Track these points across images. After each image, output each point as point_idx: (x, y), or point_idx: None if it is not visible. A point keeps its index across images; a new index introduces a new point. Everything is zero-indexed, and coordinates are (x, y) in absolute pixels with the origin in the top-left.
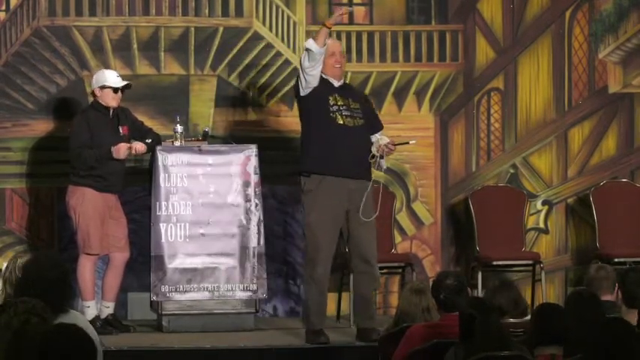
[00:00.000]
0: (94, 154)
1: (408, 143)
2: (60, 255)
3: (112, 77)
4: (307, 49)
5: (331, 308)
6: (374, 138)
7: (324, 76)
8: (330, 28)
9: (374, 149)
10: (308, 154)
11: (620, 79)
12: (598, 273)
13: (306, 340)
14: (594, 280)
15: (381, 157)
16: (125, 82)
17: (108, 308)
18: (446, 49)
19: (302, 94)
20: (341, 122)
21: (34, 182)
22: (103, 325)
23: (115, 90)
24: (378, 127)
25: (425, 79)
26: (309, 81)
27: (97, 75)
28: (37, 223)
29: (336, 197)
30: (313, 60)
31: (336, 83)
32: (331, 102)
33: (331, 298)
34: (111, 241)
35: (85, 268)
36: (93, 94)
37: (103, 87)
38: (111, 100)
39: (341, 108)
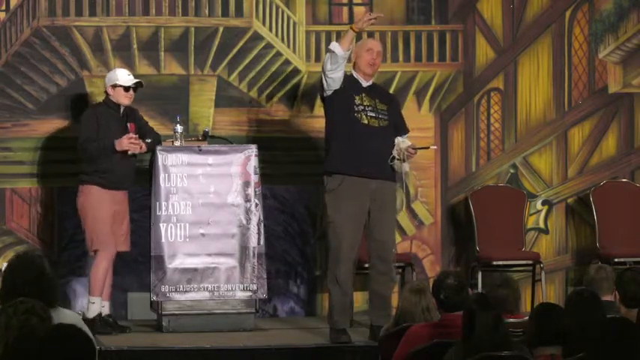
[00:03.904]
0: (97, 145)
1: (428, 148)
2: (37, 253)
3: (123, 76)
4: (331, 52)
5: None
6: (395, 140)
7: (354, 74)
8: (356, 32)
9: (395, 151)
10: (331, 154)
11: (620, 79)
12: (598, 273)
13: (330, 338)
14: (594, 280)
15: (403, 160)
16: (136, 80)
17: (104, 307)
18: (446, 49)
19: (325, 95)
20: (366, 122)
21: (34, 182)
22: (102, 324)
23: (127, 88)
24: (403, 130)
25: (425, 79)
26: (330, 84)
27: (110, 74)
28: (37, 223)
29: (358, 197)
30: (335, 63)
31: (365, 83)
32: (357, 101)
33: None
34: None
35: (101, 265)
36: (106, 92)
37: (114, 85)
38: (123, 99)
39: (367, 108)
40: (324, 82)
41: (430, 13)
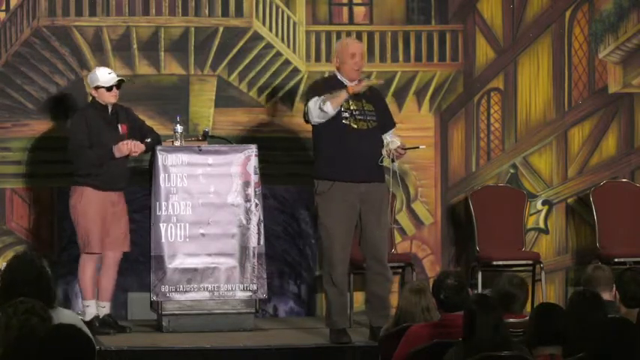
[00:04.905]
0: (95, 154)
1: (418, 147)
2: (36, 253)
3: (103, 76)
4: (322, 109)
5: None
6: (385, 140)
7: (338, 76)
8: (350, 95)
9: (384, 152)
10: (320, 159)
11: (620, 79)
12: (595, 272)
13: (330, 339)
14: (592, 279)
15: (392, 160)
16: (118, 79)
17: (104, 308)
18: (446, 49)
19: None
20: (355, 126)
21: (34, 182)
22: (101, 325)
23: (109, 88)
24: (390, 125)
25: (425, 79)
26: (313, 124)
27: (90, 76)
28: (37, 223)
29: (348, 199)
30: (324, 118)
31: (350, 84)
32: (344, 107)
33: None
34: (108, 240)
35: (86, 268)
36: (90, 94)
37: (97, 87)
38: (108, 98)
39: (354, 112)
40: (306, 119)
41: (430, 13)
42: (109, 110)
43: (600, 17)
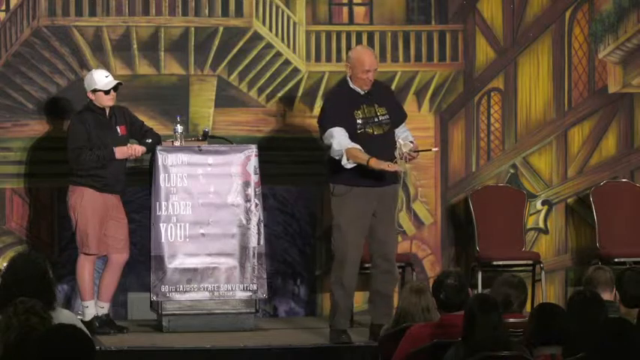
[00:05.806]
0: (95, 155)
1: (430, 150)
2: (37, 254)
3: (100, 79)
4: (342, 161)
5: None
6: (397, 142)
7: (350, 84)
8: (370, 167)
9: (397, 154)
10: (336, 168)
11: (620, 79)
12: (595, 273)
13: (330, 338)
14: (592, 280)
15: (405, 161)
16: (115, 82)
17: (102, 308)
18: (446, 49)
19: None
20: (370, 131)
21: (34, 182)
22: (101, 325)
23: (107, 91)
24: (402, 117)
25: (425, 79)
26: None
27: (87, 79)
28: (37, 223)
29: (365, 203)
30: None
31: (362, 91)
32: (359, 118)
33: None
34: (109, 242)
35: (84, 268)
36: (87, 96)
37: (94, 90)
38: (106, 101)
39: (369, 120)
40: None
41: (430, 13)
42: (107, 113)
43: (600, 17)
